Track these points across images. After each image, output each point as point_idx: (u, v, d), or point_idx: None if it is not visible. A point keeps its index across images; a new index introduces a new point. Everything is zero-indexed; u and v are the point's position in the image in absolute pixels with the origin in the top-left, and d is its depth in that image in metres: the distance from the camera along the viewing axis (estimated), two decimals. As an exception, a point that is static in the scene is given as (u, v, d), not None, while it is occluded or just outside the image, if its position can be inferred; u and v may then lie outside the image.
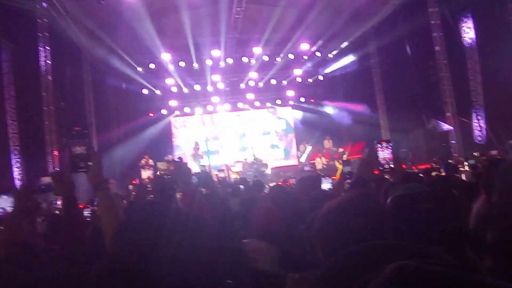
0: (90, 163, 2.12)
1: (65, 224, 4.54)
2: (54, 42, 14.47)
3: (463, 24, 15.24)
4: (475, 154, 12.28)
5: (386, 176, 3.84)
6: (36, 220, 3.21)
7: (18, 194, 2.71)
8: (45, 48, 14.04)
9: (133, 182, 15.51)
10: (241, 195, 6.64)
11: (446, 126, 16.39)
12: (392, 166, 3.10)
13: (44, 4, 13.90)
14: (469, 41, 15.08)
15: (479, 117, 15.19)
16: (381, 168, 3.13)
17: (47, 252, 2.70)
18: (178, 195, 3.78)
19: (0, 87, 13.48)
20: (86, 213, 7.06)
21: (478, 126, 15.26)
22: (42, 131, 14.17)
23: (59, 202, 11.34)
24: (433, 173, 8.07)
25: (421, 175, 6.92)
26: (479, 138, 15.27)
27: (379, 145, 3.10)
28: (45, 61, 14.06)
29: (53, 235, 3.74)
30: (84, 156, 2.16)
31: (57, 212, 8.71)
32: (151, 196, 4.06)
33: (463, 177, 8.33)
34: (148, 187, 4.09)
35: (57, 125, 14.70)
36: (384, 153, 3.07)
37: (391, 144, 3.13)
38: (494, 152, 11.93)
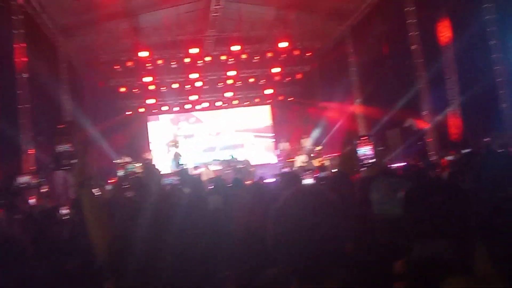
0: (74, 161, 2.11)
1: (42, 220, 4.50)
2: (30, 39, 14.19)
3: (440, 23, 15.45)
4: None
5: (362, 171, 3.89)
6: (14, 218, 3.17)
7: None
8: (20, 45, 13.76)
9: (109, 181, 15.35)
10: (220, 193, 6.63)
11: (422, 125, 16.60)
12: (372, 161, 3.13)
13: (20, 1, 13.63)
14: (446, 40, 15.29)
15: (455, 116, 15.42)
16: (361, 163, 3.15)
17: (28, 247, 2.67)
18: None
19: (-27, 85, 13.21)
20: (64, 211, 7.00)
21: (454, 124, 15.49)
22: (17, 130, 13.90)
23: (32, 201, 11.21)
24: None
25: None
26: (455, 137, 15.50)
27: (359, 141, 3.12)
28: (20, 59, 13.78)
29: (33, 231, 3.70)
30: (68, 153, 2.15)
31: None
32: (129, 193, 4.03)
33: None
34: (124, 185, 4.05)
35: (32, 123, 14.44)
36: (365, 148, 3.09)
37: (371, 139, 3.16)
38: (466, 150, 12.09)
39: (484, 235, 1.84)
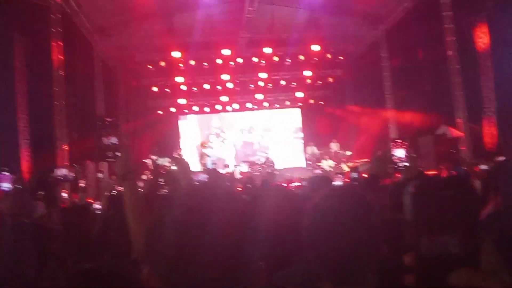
0: (118, 154, 2.16)
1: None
2: (67, 37, 14.50)
3: (477, 29, 15.11)
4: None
5: (398, 175, 3.82)
6: (54, 210, 3.25)
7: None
8: (57, 43, 14.07)
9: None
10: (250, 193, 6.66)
11: (456, 132, 16.26)
12: (406, 164, 3.08)
13: (59, 0, 13.95)
14: (483, 46, 14.94)
15: (490, 124, 15.06)
16: (395, 166, 3.10)
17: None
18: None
19: (12, 81, 13.59)
20: (97, 205, 7.13)
21: (489, 133, 15.13)
22: (52, 126, 14.22)
23: (65, 195, 11.41)
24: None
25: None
26: (490, 146, 15.14)
27: (394, 143, 3.07)
28: (57, 56, 14.10)
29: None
30: (113, 146, 2.20)
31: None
32: (165, 190, 4.07)
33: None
34: (159, 181, 4.09)
35: (67, 120, 14.76)
36: (399, 152, 3.04)
37: (406, 143, 3.11)
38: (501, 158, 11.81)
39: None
